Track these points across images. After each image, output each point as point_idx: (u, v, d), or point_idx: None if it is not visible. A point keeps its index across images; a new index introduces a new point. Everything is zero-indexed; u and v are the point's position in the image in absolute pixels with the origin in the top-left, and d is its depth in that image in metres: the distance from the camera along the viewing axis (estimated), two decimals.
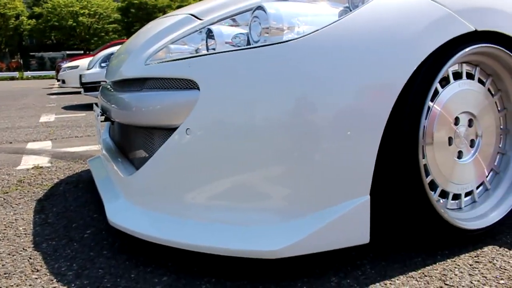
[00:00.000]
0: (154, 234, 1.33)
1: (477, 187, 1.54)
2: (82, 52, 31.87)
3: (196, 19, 1.45)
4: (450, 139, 1.42)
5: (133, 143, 1.64)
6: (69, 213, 1.86)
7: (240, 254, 1.21)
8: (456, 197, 1.49)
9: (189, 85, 1.27)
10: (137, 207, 1.43)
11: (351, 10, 1.25)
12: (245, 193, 1.24)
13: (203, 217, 1.29)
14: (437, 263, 1.34)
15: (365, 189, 1.21)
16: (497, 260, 1.36)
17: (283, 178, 1.21)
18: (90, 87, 6.57)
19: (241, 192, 1.25)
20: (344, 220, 1.20)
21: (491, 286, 1.21)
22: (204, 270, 1.33)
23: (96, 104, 2.03)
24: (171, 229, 1.32)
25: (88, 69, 6.86)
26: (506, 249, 1.43)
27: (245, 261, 1.36)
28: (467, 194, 1.52)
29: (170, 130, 1.31)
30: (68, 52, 34.08)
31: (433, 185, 1.40)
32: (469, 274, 1.27)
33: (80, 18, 34.93)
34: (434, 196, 1.39)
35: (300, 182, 1.20)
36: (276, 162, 1.21)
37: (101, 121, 1.89)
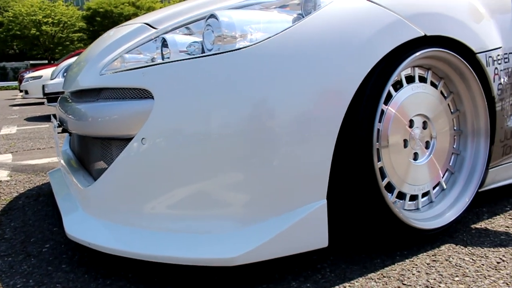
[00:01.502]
0: (113, 245, 1.31)
1: (434, 188, 1.58)
2: (46, 61, 31.22)
3: (151, 28, 1.45)
4: (405, 141, 1.45)
5: (91, 154, 1.62)
6: (28, 227, 1.81)
7: (198, 263, 1.20)
8: (414, 198, 1.52)
9: (144, 94, 1.26)
10: (95, 219, 1.41)
11: (303, 17, 1.26)
12: (203, 201, 1.24)
13: (162, 227, 1.28)
14: (396, 264, 1.36)
15: (321, 194, 1.23)
16: (453, 258, 1.39)
17: (241, 185, 1.22)
18: (53, 97, 6.44)
19: (199, 201, 1.24)
20: (301, 225, 1.21)
21: (446, 283, 1.24)
22: (164, 280, 1.31)
23: (54, 115, 1.99)
24: (130, 240, 1.30)
25: (51, 79, 6.73)
26: (462, 247, 1.47)
27: (208, 269, 1.35)
28: (424, 195, 1.56)
29: (127, 140, 1.30)
30: (31, 61, 33.35)
31: (390, 187, 1.43)
32: (426, 273, 1.30)
33: (44, 27, 34.24)
34: (390, 198, 1.42)
35: (258, 188, 1.21)
36: (234, 169, 1.21)
37: (59, 133, 1.85)
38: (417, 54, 1.37)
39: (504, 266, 1.33)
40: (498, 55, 1.63)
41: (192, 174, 1.23)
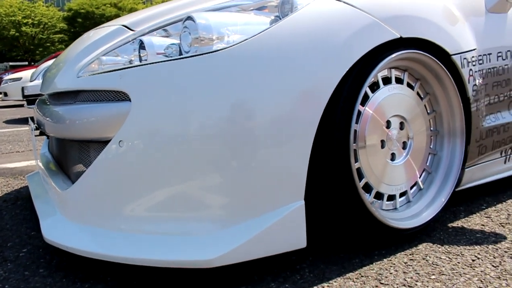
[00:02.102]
0: (91, 249, 1.30)
1: (411, 187, 1.60)
2: (26, 63, 30.76)
3: (128, 30, 1.44)
4: (382, 142, 1.47)
5: (69, 157, 1.60)
6: (5, 231, 1.79)
7: (176, 265, 1.20)
8: (392, 197, 1.54)
9: (121, 97, 1.26)
10: (73, 222, 1.40)
11: (280, 19, 1.27)
12: (182, 203, 1.24)
13: (141, 229, 1.28)
14: (374, 263, 1.38)
15: (299, 195, 1.24)
16: (430, 257, 1.41)
17: (220, 186, 1.22)
18: (33, 99, 6.35)
19: (178, 203, 1.24)
20: (280, 226, 1.22)
21: (423, 282, 1.26)
22: (144, 283, 1.31)
23: (32, 118, 1.97)
24: (109, 243, 1.29)
25: (31, 81, 6.63)
26: (438, 245, 1.49)
27: (188, 272, 1.35)
28: (401, 195, 1.58)
29: (104, 143, 1.29)
30: (11, 63, 32.82)
31: (367, 187, 1.45)
32: (404, 272, 1.32)
33: (23, 28, 33.72)
34: (368, 198, 1.44)
35: (236, 190, 1.22)
36: (212, 171, 1.22)
37: (36, 135, 1.83)
38: (393, 55, 1.39)
39: (479, 264, 1.35)
40: (473, 56, 1.66)
41: (171, 176, 1.23)
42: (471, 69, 1.64)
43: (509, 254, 1.40)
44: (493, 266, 1.34)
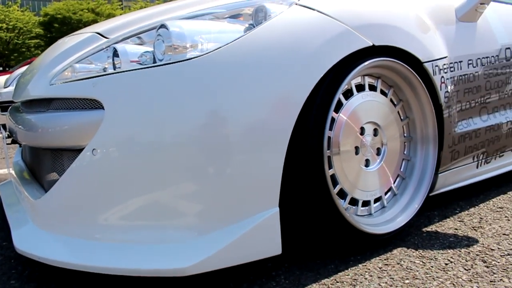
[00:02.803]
0: (64, 259, 1.28)
1: (386, 193, 1.62)
2: (0, 68, 30.19)
3: (102, 37, 1.43)
4: (356, 148, 1.48)
5: (42, 165, 1.58)
6: None
7: (151, 274, 1.20)
8: (366, 203, 1.56)
9: (94, 105, 1.25)
10: (46, 232, 1.38)
11: (254, 27, 1.28)
12: (157, 211, 1.24)
13: (116, 238, 1.27)
14: (349, 269, 1.39)
15: (273, 201, 1.24)
16: (404, 261, 1.43)
17: (195, 194, 1.22)
18: (7, 106, 6.24)
19: (153, 211, 1.24)
20: (255, 233, 1.22)
21: (397, 286, 1.27)
22: None
23: (3, 125, 1.94)
24: (82, 252, 1.28)
25: (5, 87, 6.52)
26: (413, 250, 1.51)
27: (164, 280, 1.34)
28: (376, 200, 1.59)
29: (78, 151, 1.28)
30: None
31: (342, 194, 1.46)
32: (378, 277, 1.33)
33: None
34: (343, 204, 1.45)
35: (211, 197, 1.22)
36: (187, 179, 1.22)
37: (8, 144, 1.80)
38: (366, 63, 1.41)
39: (452, 267, 1.37)
40: (444, 64, 1.69)
41: (146, 184, 1.23)
42: (442, 76, 1.67)
43: (481, 257, 1.43)
44: (465, 269, 1.36)
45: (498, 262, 1.40)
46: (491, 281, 1.28)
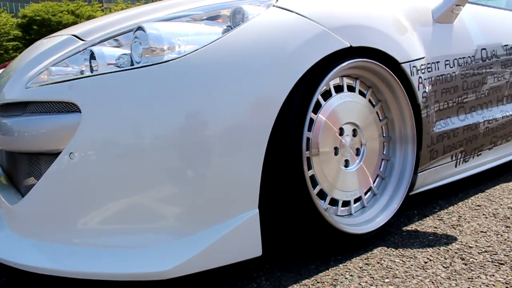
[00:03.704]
0: (43, 265, 1.27)
1: (365, 193, 1.63)
2: None
3: (79, 39, 1.42)
4: (336, 149, 1.49)
5: (19, 169, 1.55)
6: None
7: (131, 278, 1.19)
8: (346, 203, 1.57)
9: (71, 108, 1.24)
10: (23, 237, 1.35)
11: (232, 29, 1.28)
12: (137, 215, 1.23)
13: (95, 243, 1.26)
14: (330, 269, 1.39)
15: (253, 203, 1.24)
16: (384, 260, 1.44)
17: (175, 197, 1.22)
18: None
19: (133, 215, 1.23)
20: (234, 235, 1.22)
21: (377, 285, 1.28)
22: None
23: None
24: (61, 258, 1.26)
25: None
26: (393, 249, 1.52)
27: (145, 284, 1.33)
28: (356, 200, 1.60)
29: (55, 155, 1.26)
30: None
31: (322, 194, 1.47)
32: (359, 276, 1.34)
33: None
34: (323, 205, 1.46)
35: (191, 200, 1.22)
36: (166, 182, 1.22)
37: None
38: (344, 64, 1.42)
39: (431, 266, 1.39)
40: (422, 65, 1.71)
41: (124, 188, 1.22)
42: (420, 77, 1.69)
43: (459, 255, 1.45)
44: (443, 267, 1.38)
45: (476, 259, 1.42)
46: (468, 278, 1.30)
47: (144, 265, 1.19)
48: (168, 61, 1.19)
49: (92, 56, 1.34)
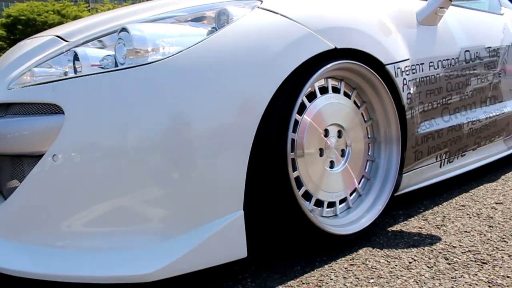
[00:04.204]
0: (26, 268, 1.25)
1: (351, 194, 1.64)
2: None
3: (62, 40, 1.41)
4: (321, 150, 1.50)
5: (1, 172, 1.53)
6: None
7: (115, 281, 1.18)
8: (332, 204, 1.57)
9: (54, 109, 1.23)
10: (6, 240, 1.33)
11: (216, 30, 1.28)
12: (121, 217, 1.22)
13: (79, 245, 1.25)
14: (315, 270, 1.40)
15: (238, 205, 1.24)
16: (369, 261, 1.45)
17: (159, 199, 1.21)
18: None
19: (117, 217, 1.22)
20: (219, 237, 1.22)
21: (362, 286, 1.29)
22: None
23: None
24: (45, 261, 1.25)
25: None
26: (378, 250, 1.53)
27: (129, 286, 1.32)
28: (341, 201, 1.61)
29: (38, 157, 1.25)
30: None
31: (307, 195, 1.47)
32: (344, 277, 1.34)
33: None
34: (308, 206, 1.46)
35: (176, 202, 1.21)
36: (151, 183, 1.21)
37: None
38: (328, 66, 1.43)
39: (415, 266, 1.40)
40: (406, 66, 1.72)
41: (108, 190, 1.21)
42: (404, 78, 1.71)
43: (443, 255, 1.47)
44: (428, 267, 1.39)
45: (460, 259, 1.43)
46: (452, 278, 1.31)
47: (128, 268, 1.19)
48: (152, 62, 1.19)
49: (76, 57, 1.33)
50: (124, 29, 1.24)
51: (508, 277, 1.31)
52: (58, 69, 1.37)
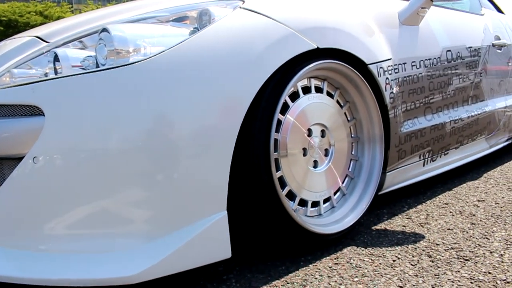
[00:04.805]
0: (7, 273, 1.23)
1: (335, 193, 1.64)
2: None
3: (42, 41, 1.39)
4: (304, 150, 1.50)
5: None
6: None
7: (99, 283, 1.17)
8: (316, 204, 1.58)
9: (34, 111, 1.21)
10: None
11: (198, 30, 1.28)
12: (104, 219, 1.21)
13: (63, 248, 1.23)
14: (300, 269, 1.40)
15: (221, 205, 1.24)
16: (354, 260, 1.45)
17: (143, 200, 1.21)
18: None
19: (100, 219, 1.21)
20: (203, 238, 1.22)
21: (346, 284, 1.29)
22: None
23: None
24: (27, 265, 1.23)
25: None
26: (362, 248, 1.54)
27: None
28: (326, 201, 1.62)
29: (18, 159, 1.23)
30: None
31: (291, 195, 1.47)
32: (328, 276, 1.35)
33: None
34: (292, 206, 1.46)
35: (160, 203, 1.20)
36: (134, 185, 1.20)
37: None
38: (311, 66, 1.43)
39: (399, 264, 1.41)
40: (389, 66, 1.74)
41: (91, 192, 1.20)
42: (387, 78, 1.72)
43: (427, 252, 1.48)
44: (411, 264, 1.40)
45: (442, 256, 1.44)
46: (435, 275, 1.33)
47: (111, 270, 1.18)
48: (133, 63, 1.18)
49: (56, 58, 1.32)
50: (105, 30, 1.23)
51: (489, 273, 1.33)
52: (38, 70, 1.35)
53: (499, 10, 3.06)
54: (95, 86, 1.18)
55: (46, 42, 1.38)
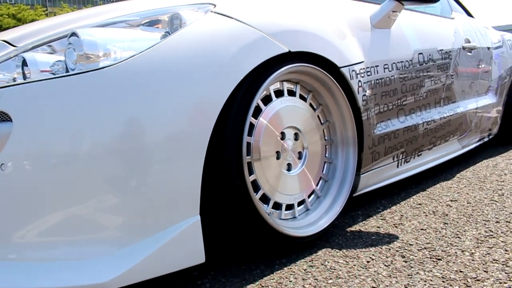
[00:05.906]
0: None
1: (309, 196, 1.65)
2: None
3: (10, 45, 1.36)
4: (278, 153, 1.51)
5: None
6: None
7: None
8: (290, 207, 1.58)
9: (1, 117, 1.19)
10: None
11: (170, 34, 1.27)
12: (76, 226, 1.19)
13: (33, 257, 1.21)
14: (275, 272, 1.40)
15: (194, 210, 1.23)
16: (328, 262, 1.46)
17: (115, 206, 1.19)
18: None
19: (72, 226, 1.19)
20: (176, 242, 1.21)
21: (320, 287, 1.30)
22: None
23: None
24: (1, 276, 1.21)
25: None
26: (337, 250, 1.55)
27: None
28: (300, 203, 1.62)
29: None
30: None
31: (265, 198, 1.48)
32: (303, 279, 1.35)
33: None
34: (266, 209, 1.47)
35: (131, 209, 1.19)
36: (105, 191, 1.18)
37: None
38: (283, 69, 1.44)
39: (373, 264, 1.42)
40: (361, 69, 1.76)
41: (61, 199, 1.18)
42: (360, 81, 1.74)
43: (400, 253, 1.50)
44: (385, 265, 1.41)
45: (416, 256, 1.46)
46: (408, 275, 1.34)
47: (83, 278, 1.16)
48: (103, 67, 1.17)
49: (25, 63, 1.29)
50: (74, 34, 1.21)
51: (461, 271, 1.35)
52: (5, 75, 1.33)
53: (469, 14, 3.13)
54: (65, 92, 1.16)
55: (14, 46, 1.36)
